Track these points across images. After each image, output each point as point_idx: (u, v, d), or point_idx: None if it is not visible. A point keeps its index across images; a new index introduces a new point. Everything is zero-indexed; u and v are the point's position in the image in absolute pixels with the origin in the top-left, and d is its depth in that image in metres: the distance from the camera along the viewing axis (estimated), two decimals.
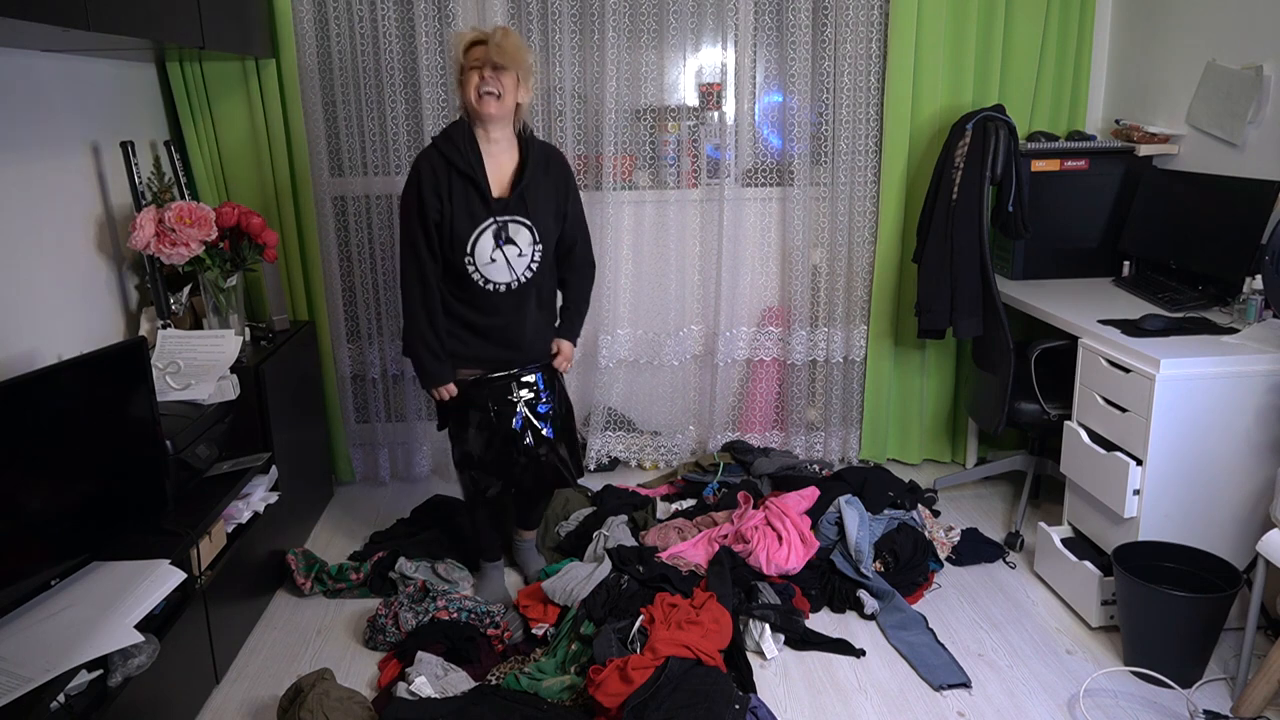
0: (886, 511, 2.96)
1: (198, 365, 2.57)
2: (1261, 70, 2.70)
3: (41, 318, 2.32)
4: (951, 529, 2.99)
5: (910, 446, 3.63)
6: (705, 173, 3.44)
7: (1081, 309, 2.78)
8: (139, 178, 2.66)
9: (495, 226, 2.32)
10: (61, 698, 1.72)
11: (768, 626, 2.43)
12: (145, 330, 2.73)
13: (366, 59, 3.21)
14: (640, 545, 2.82)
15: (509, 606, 2.61)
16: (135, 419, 2.11)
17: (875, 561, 2.76)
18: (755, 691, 2.25)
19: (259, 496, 2.64)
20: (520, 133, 2.41)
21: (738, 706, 2.06)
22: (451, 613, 2.49)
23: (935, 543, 2.87)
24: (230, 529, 2.51)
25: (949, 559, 2.87)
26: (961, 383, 3.56)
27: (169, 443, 2.21)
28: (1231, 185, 2.77)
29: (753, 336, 3.61)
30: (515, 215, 2.35)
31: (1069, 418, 2.68)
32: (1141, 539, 2.38)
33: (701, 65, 3.38)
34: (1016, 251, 3.26)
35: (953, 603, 2.67)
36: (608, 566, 2.65)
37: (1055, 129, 3.41)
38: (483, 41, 2.26)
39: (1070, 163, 3.19)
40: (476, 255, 2.34)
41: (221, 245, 2.76)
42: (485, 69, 2.24)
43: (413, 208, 2.34)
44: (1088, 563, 2.51)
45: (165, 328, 2.67)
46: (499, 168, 2.37)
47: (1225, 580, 2.26)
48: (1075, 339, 2.64)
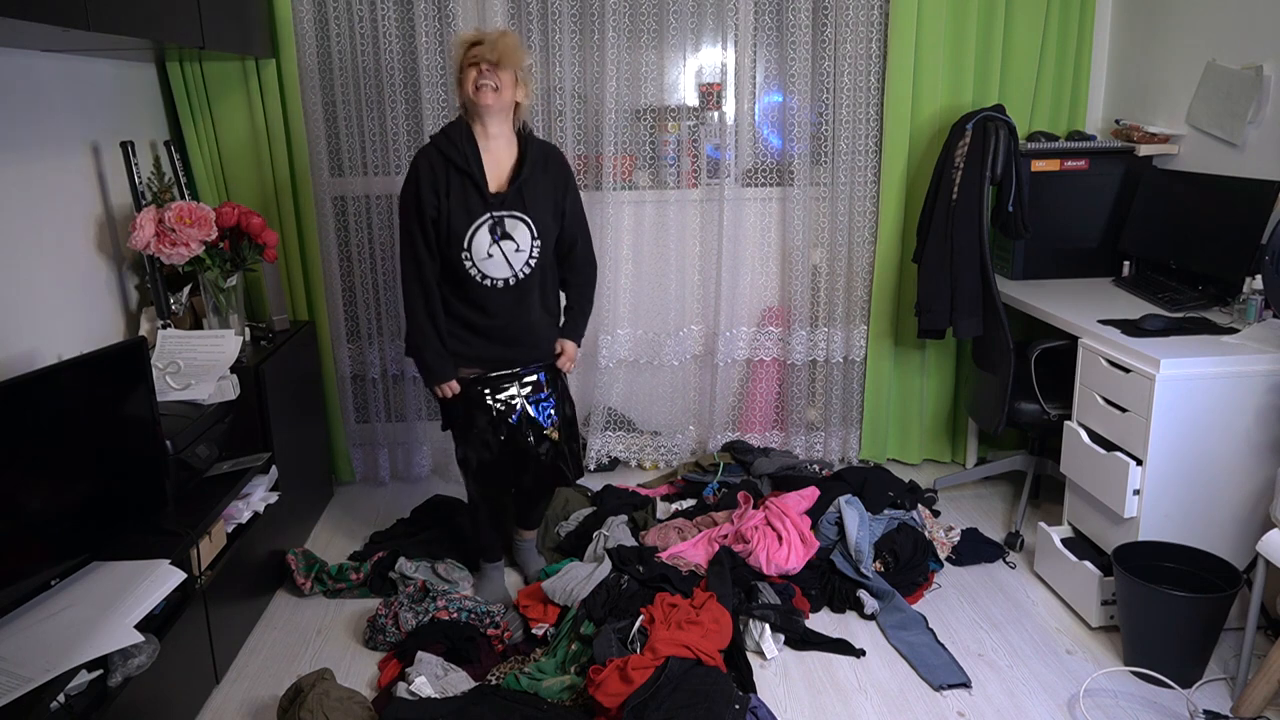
0: (886, 511, 2.96)
1: (198, 365, 2.57)
2: (1261, 70, 2.70)
3: (41, 318, 2.32)
4: (951, 529, 2.99)
5: (910, 446, 3.63)
6: (705, 173, 3.44)
7: (1081, 309, 2.78)
8: (139, 178, 2.66)
9: (492, 221, 2.34)
10: (61, 698, 1.72)
11: (768, 626, 2.43)
12: (145, 330, 2.73)
13: (366, 59, 3.21)
14: (640, 545, 2.82)
15: (509, 606, 2.61)
16: (135, 419, 2.11)
17: (875, 561, 2.76)
18: (755, 691, 2.25)
19: (259, 496, 2.64)
20: (519, 131, 2.43)
21: (738, 706, 2.06)
22: (451, 613, 2.49)
23: (935, 543, 2.87)
24: (230, 529, 2.51)
25: (949, 559, 2.87)
26: (961, 383, 3.56)
27: (169, 443, 2.21)
28: (1231, 185, 2.77)
29: (753, 336, 3.61)
30: (513, 210, 2.35)
31: (1069, 418, 2.68)
32: (1141, 539, 2.38)
33: (701, 65, 3.38)
34: (1016, 251, 3.26)
35: (953, 603, 2.67)
36: (608, 566, 2.65)
37: (1055, 129, 3.41)
38: (481, 42, 2.32)
39: (1070, 163, 3.19)
40: (473, 250, 2.34)
41: (221, 245, 2.76)
42: (483, 63, 2.29)
43: (410, 205, 2.36)
44: (1088, 563, 2.51)
45: (165, 328, 2.67)
46: (497, 164, 2.38)
47: (1225, 580, 2.26)
48: (1075, 339, 2.64)
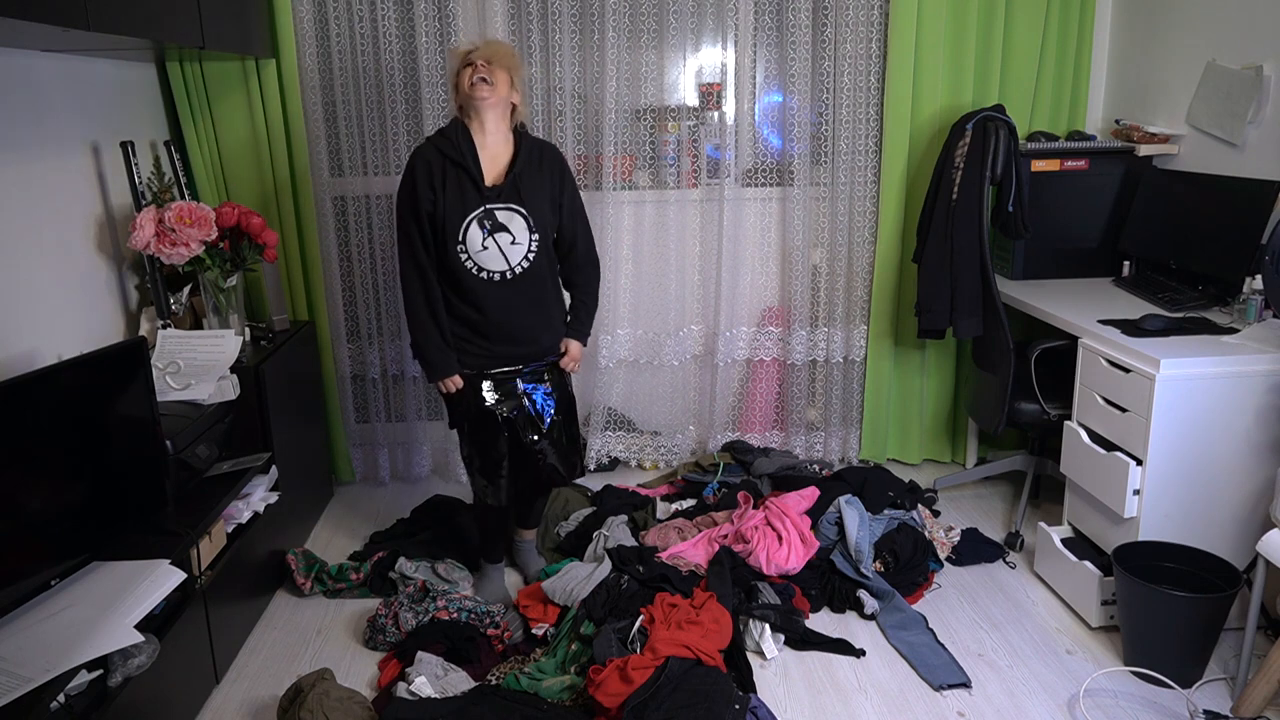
0: (886, 511, 2.95)
1: (198, 365, 2.57)
2: (1261, 70, 2.70)
3: (41, 318, 2.32)
4: (951, 529, 2.99)
5: (910, 446, 3.63)
6: (705, 173, 3.44)
7: (1081, 309, 2.78)
8: (139, 178, 2.66)
9: (485, 213, 2.35)
10: (61, 698, 1.72)
11: (768, 626, 2.43)
12: (145, 330, 2.73)
13: (366, 59, 3.21)
14: (640, 545, 2.82)
15: (509, 606, 2.61)
16: (135, 419, 2.11)
17: (875, 561, 2.76)
18: (755, 691, 2.25)
19: (259, 496, 2.64)
20: (515, 129, 2.46)
21: (738, 706, 2.06)
22: (451, 613, 2.49)
23: (935, 543, 2.87)
24: (230, 529, 2.51)
25: (949, 559, 2.87)
26: (961, 383, 3.56)
27: (169, 443, 2.21)
28: (1231, 185, 2.77)
29: (753, 336, 3.61)
30: (508, 202, 2.37)
31: (1069, 418, 2.68)
32: (1141, 539, 2.38)
33: (701, 65, 3.38)
34: (1016, 251, 3.26)
35: (953, 603, 2.67)
36: (608, 566, 2.65)
37: (1055, 129, 3.41)
38: (476, 49, 2.41)
39: (1070, 163, 3.19)
40: (468, 243, 2.36)
41: (221, 245, 2.76)
42: (478, 61, 2.36)
43: (407, 201, 2.40)
44: (1088, 563, 2.51)
45: (165, 328, 2.67)
46: (492, 159, 2.41)
47: (1225, 580, 2.26)
48: (1075, 339, 2.64)
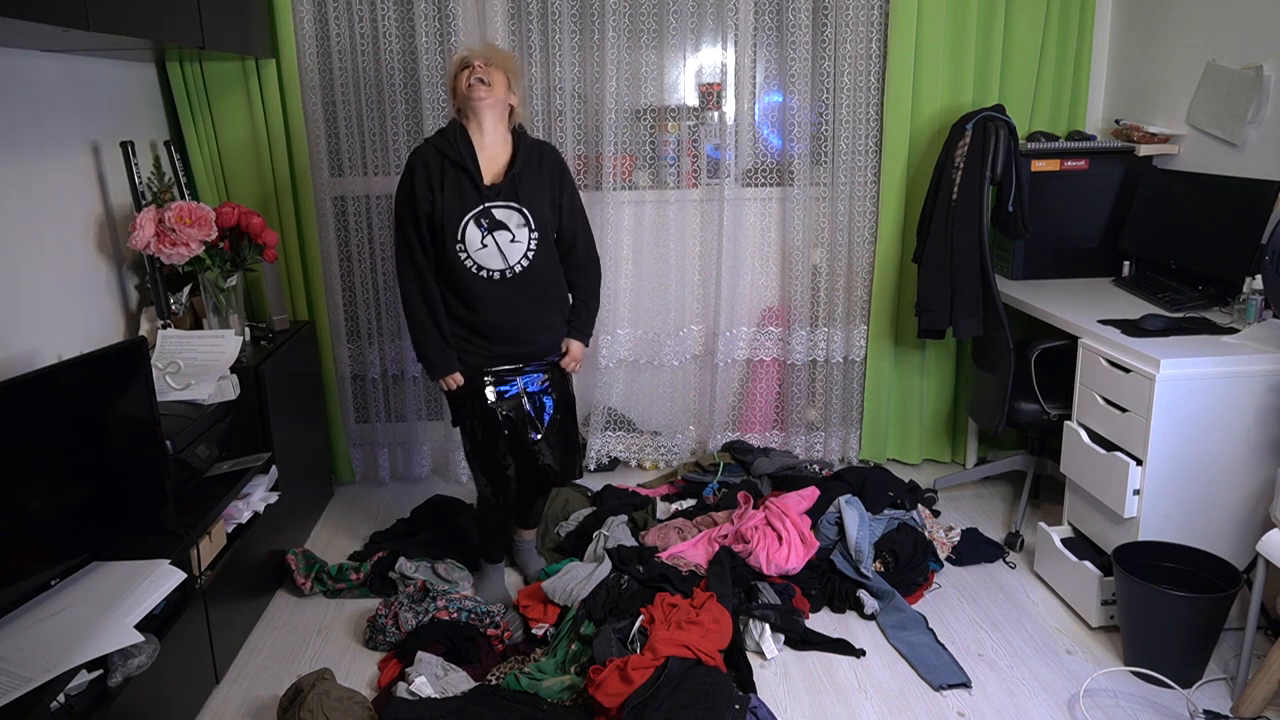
0: (886, 511, 2.95)
1: (198, 365, 2.57)
2: (1261, 70, 2.70)
3: (41, 318, 2.32)
4: (951, 529, 2.99)
5: (910, 446, 3.63)
6: (705, 173, 3.44)
7: (1081, 309, 2.78)
8: (139, 178, 2.66)
9: (483, 211, 2.36)
10: (61, 698, 1.72)
11: (768, 626, 2.43)
12: (145, 330, 2.73)
13: (366, 59, 3.21)
14: (640, 545, 2.82)
15: (509, 606, 2.61)
16: (135, 419, 2.11)
17: (875, 561, 2.76)
18: (755, 691, 2.25)
19: (259, 496, 2.64)
20: (514, 130, 2.47)
21: (738, 706, 2.06)
22: (451, 613, 2.49)
23: (935, 543, 2.87)
24: (230, 529, 2.51)
25: (949, 559, 2.87)
26: (961, 383, 3.56)
27: (169, 443, 2.21)
28: (1231, 185, 2.77)
29: (753, 336, 3.61)
30: (507, 201, 2.38)
31: (1069, 418, 2.68)
32: (1141, 539, 2.38)
33: (701, 65, 3.38)
34: (1016, 251, 3.26)
35: (953, 603, 2.67)
36: (608, 566, 2.65)
37: (1055, 129, 3.41)
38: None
39: (1070, 163, 3.19)
40: (467, 241, 2.36)
41: (221, 245, 2.76)
42: (475, 62, 2.39)
43: (405, 200, 2.41)
44: (1088, 563, 2.51)
45: (165, 328, 2.67)
46: (491, 159, 2.42)
47: (1225, 580, 2.26)
48: (1075, 339, 2.64)
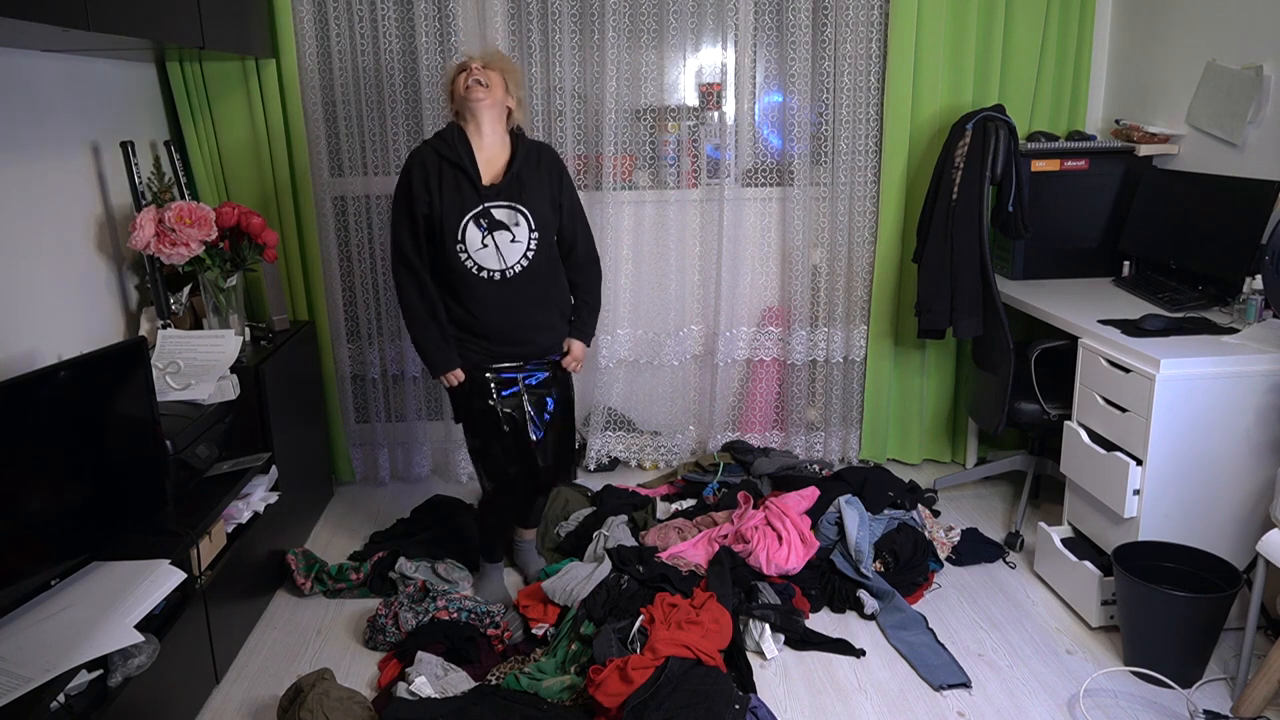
0: (886, 511, 2.95)
1: (198, 365, 2.57)
2: (1261, 70, 2.70)
3: (41, 318, 2.32)
4: (951, 529, 2.99)
5: (910, 446, 3.63)
6: (705, 173, 3.44)
7: (1081, 309, 2.78)
8: (139, 178, 2.66)
9: (483, 211, 2.36)
10: (61, 698, 1.72)
11: (768, 626, 2.43)
12: (145, 330, 2.73)
13: (366, 59, 3.21)
14: (640, 545, 2.82)
15: (509, 606, 2.61)
16: (135, 419, 2.11)
17: (875, 561, 2.76)
18: (755, 691, 2.25)
19: (259, 496, 2.64)
20: (512, 131, 2.47)
21: (738, 706, 2.06)
22: (451, 613, 2.49)
23: (935, 543, 2.87)
24: (230, 529, 2.51)
25: (949, 559, 2.87)
26: (961, 383, 3.56)
27: (169, 443, 2.21)
28: (1231, 185, 2.77)
29: (753, 336, 3.61)
30: (507, 201, 2.38)
31: (1069, 418, 2.68)
32: (1141, 539, 2.38)
33: (701, 65, 3.38)
34: (1016, 251, 3.26)
35: (953, 603, 2.67)
36: (608, 566, 2.64)
37: (1055, 129, 3.41)
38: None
39: (1070, 163, 3.19)
40: (467, 242, 2.37)
41: (221, 245, 2.76)
42: (472, 64, 2.40)
43: (402, 200, 2.41)
44: (1088, 563, 2.51)
45: (165, 328, 2.67)
46: (489, 160, 2.42)
47: (1225, 580, 2.26)
48: (1075, 339, 2.64)
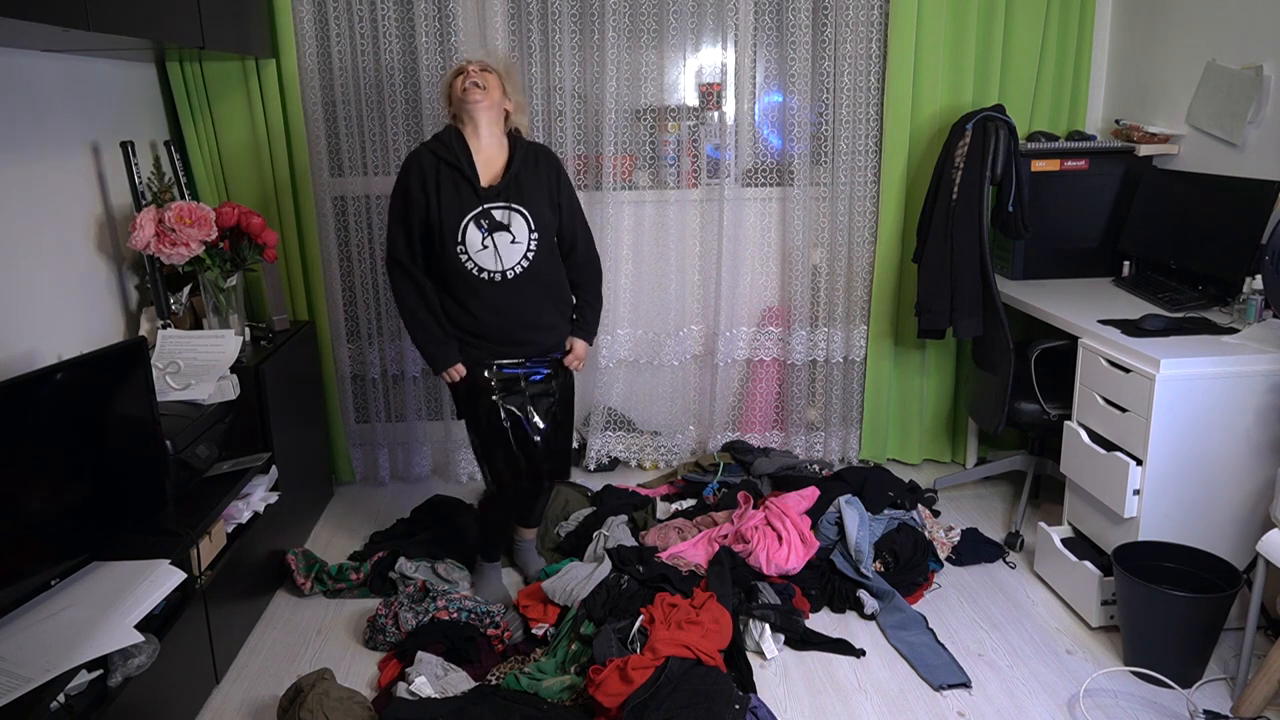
0: (886, 511, 2.95)
1: (198, 365, 2.57)
2: (1261, 70, 2.70)
3: (41, 318, 2.32)
4: (951, 529, 2.99)
5: (910, 446, 3.63)
6: (705, 173, 3.44)
7: (1081, 309, 2.78)
8: (139, 178, 2.66)
9: (483, 212, 2.37)
10: (61, 698, 1.72)
11: (768, 626, 2.43)
12: (145, 330, 2.73)
13: (366, 59, 3.21)
14: (640, 545, 2.82)
15: (509, 606, 2.61)
16: (135, 419, 2.11)
17: (875, 561, 2.76)
18: (755, 691, 2.25)
19: (259, 496, 2.64)
20: (510, 133, 2.47)
21: (738, 706, 2.06)
22: (451, 613, 2.49)
23: (935, 543, 2.87)
24: (230, 529, 2.51)
25: (949, 559, 2.87)
26: (961, 383, 3.56)
27: (169, 443, 2.21)
28: (1231, 185, 2.77)
29: (753, 336, 3.61)
30: (507, 202, 2.39)
31: (1069, 418, 2.68)
32: (1141, 539, 2.38)
33: (701, 65, 3.38)
34: (1016, 251, 3.26)
35: (953, 603, 2.67)
36: (608, 566, 2.64)
37: (1055, 129, 3.41)
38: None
39: (1070, 163, 3.19)
40: (468, 243, 2.37)
41: (221, 245, 2.76)
42: (469, 66, 2.41)
43: (398, 202, 2.42)
44: (1088, 563, 2.51)
45: (165, 328, 2.67)
46: (487, 162, 2.42)
47: (1225, 580, 2.26)
48: (1075, 339, 2.64)
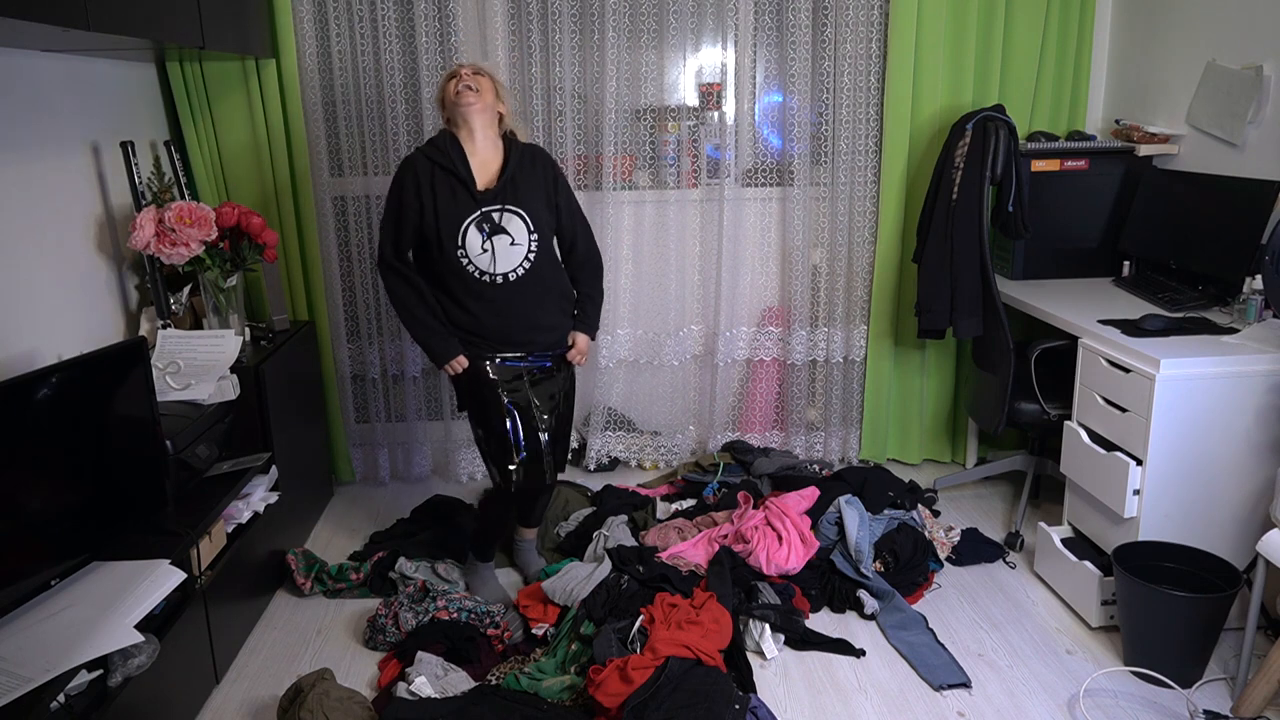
0: (886, 511, 2.95)
1: (198, 365, 2.57)
2: (1261, 70, 2.70)
3: (41, 318, 2.32)
4: (951, 529, 2.99)
5: (910, 446, 3.63)
6: (705, 173, 3.44)
7: (1081, 309, 2.78)
8: (139, 178, 2.66)
9: (482, 216, 2.37)
10: (61, 698, 1.72)
11: (768, 626, 2.43)
12: (145, 330, 2.73)
13: (366, 59, 3.21)
14: (640, 545, 2.82)
15: (509, 606, 2.61)
16: (135, 419, 2.11)
17: (875, 561, 2.76)
18: (755, 691, 2.25)
19: (259, 496, 2.64)
20: (504, 136, 2.48)
21: (738, 706, 2.06)
22: (451, 613, 2.49)
23: (935, 543, 2.87)
24: (230, 529, 2.51)
25: (949, 559, 2.87)
26: (961, 383, 3.56)
27: (169, 443, 2.21)
28: (1231, 185, 2.77)
29: (753, 336, 3.61)
30: (504, 205, 2.39)
31: (1069, 418, 2.68)
32: (1141, 539, 2.38)
33: (701, 65, 3.38)
34: (1016, 251, 3.26)
35: (953, 603, 2.67)
36: (608, 566, 2.64)
37: (1055, 129, 3.41)
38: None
39: (1070, 163, 3.19)
40: (469, 246, 2.37)
41: (221, 245, 2.76)
42: (462, 70, 2.43)
43: (390, 205, 2.43)
44: (1088, 563, 2.51)
45: (165, 328, 2.67)
46: (483, 165, 2.43)
47: (1225, 580, 2.26)
48: (1075, 339, 2.64)
